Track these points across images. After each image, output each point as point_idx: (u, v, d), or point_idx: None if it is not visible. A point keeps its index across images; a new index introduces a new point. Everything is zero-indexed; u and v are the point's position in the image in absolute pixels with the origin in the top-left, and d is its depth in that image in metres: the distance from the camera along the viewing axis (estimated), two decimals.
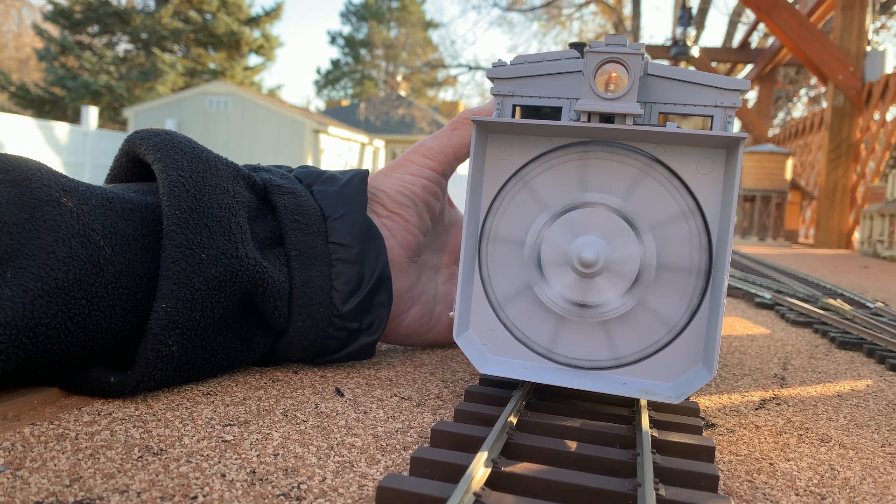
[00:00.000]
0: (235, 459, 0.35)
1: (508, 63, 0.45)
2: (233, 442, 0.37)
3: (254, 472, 0.33)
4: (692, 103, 0.42)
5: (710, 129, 0.42)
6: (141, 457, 0.34)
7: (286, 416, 0.42)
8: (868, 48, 3.96)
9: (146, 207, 0.45)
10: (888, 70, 3.83)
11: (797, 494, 0.35)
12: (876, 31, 8.32)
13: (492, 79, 0.45)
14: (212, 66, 17.38)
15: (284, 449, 0.36)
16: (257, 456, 0.35)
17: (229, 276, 0.45)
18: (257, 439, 0.38)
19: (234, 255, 0.45)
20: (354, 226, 0.51)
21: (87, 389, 0.42)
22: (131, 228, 0.43)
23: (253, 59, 18.64)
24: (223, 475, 0.33)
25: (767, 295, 1.14)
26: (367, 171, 0.55)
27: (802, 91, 10.69)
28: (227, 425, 0.39)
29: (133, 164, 0.50)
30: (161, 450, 0.35)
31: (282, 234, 0.50)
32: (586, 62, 0.41)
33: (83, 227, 0.40)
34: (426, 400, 0.47)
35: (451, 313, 0.45)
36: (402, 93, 18.54)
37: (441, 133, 0.58)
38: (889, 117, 3.81)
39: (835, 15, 4.10)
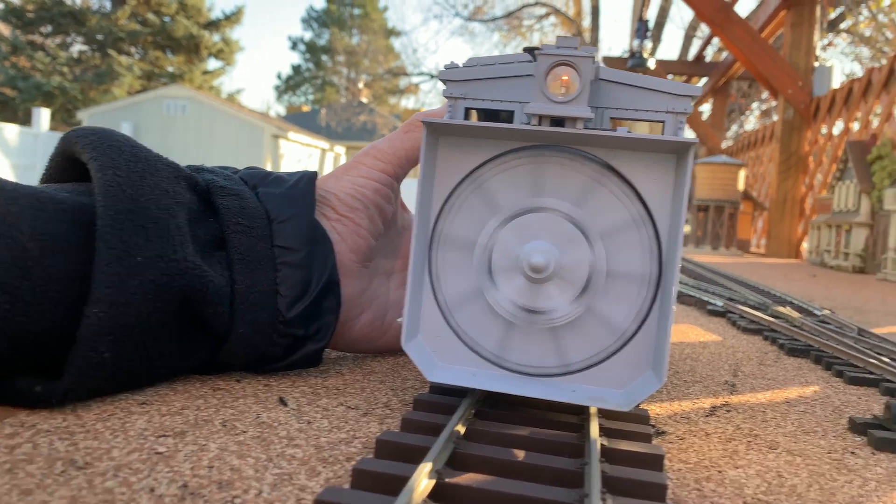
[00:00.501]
0: (167, 472, 0.33)
1: (461, 65, 0.45)
2: (166, 454, 0.35)
3: (185, 486, 0.32)
4: (643, 108, 0.42)
5: (662, 134, 0.41)
6: (64, 471, 0.32)
7: (225, 426, 0.40)
8: (816, 64, 4.08)
9: (80, 208, 0.43)
10: (835, 85, 3.95)
11: (745, 502, 0.35)
12: (823, 49, 8.59)
13: (444, 81, 0.44)
14: (170, 69, 17.11)
15: (220, 461, 0.35)
16: (191, 468, 0.34)
17: (167, 280, 0.43)
18: (192, 451, 0.36)
19: (172, 258, 0.43)
20: (301, 229, 0.50)
21: (12, 399, 0.40)
22: (63, 230, 0.41)
23: (212, 63, 18.43)
24: (152, 489, 0.31)
25: (719, 302, 1.15)
26: (315, 173, 0.53)
27: (755, 104, 10.97)
28: (161, 436, 0.38)
29: (70, 163, 0.48)
30: (87, 463, 0.33)
31: (224, 238, 0.48)
32: (537, 65, 0.40)
33: (9, 228, 0.38)
34: (374, 409, 0.46)
35: (399, 319, 0.44)
36: (364, 99, 18.49)
37: (394, 135, 0.57)
38: (836, 131, 3.92)
39: (784, 31, 4.22)
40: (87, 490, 0.30)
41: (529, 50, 0.45)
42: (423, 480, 0.30)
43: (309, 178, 0.53)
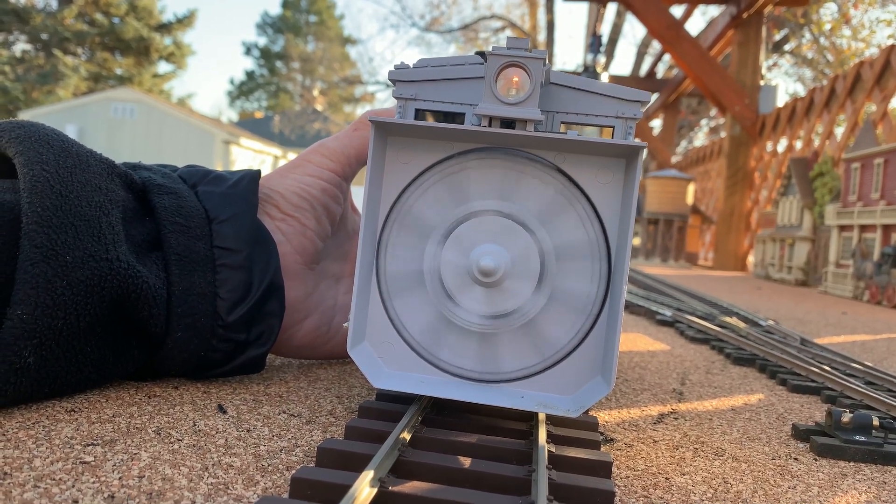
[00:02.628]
0: (93, 483, 0.31)
1: (412, 66, 0.44)
2: (93, 463, 0.33)
3: (112, 497, 0.30)
4: (594, 113, 0.42)
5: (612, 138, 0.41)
6: None
7: (159, 434, 0.38)
8: (762, 83, 4.21)
9: (2, 206, 0.40)
10: (779, 104, 4.08)
11: None
12: (769, 68, 8.87)
13: (393, 81, 0.43)
14: (118, 71, 16.71)
15: (152, 470, 0.33)
16: (119, 478, 0.32)
17: (98, 281, 0.40)
18: (122, 460, 0.34)
19: (104, 258, 0.41)
20: (242, 229, 0.48)
21: None
22: None
23: (163, 67, 18.05)
24: (75, 501, 0.29)
25: (668, 313, 1.17)
26: (258, 172, 0.52)
27: (704, 121, 11.25)
28: (88, 445, 0.35)
29: None
30: (5, 473, 0.31)
31: (160, 237, 0.46)
32: (488, 65, 0.40)
33: None
34: (317, 417, 0.44)
35: (345, 324, 0.42)
36: (319, 107, 18.36)
37: (342, 133, 0.55)
38: (780, 148, 4.05)
39: (732, 50, 4.34)
40: (4, 502, 0.28)
41: (482, 53, 0.44)
42: (365, 489, 0.28)
43: (251, 177, 0.50)
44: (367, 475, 0.29)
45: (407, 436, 0.36)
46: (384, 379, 0.41)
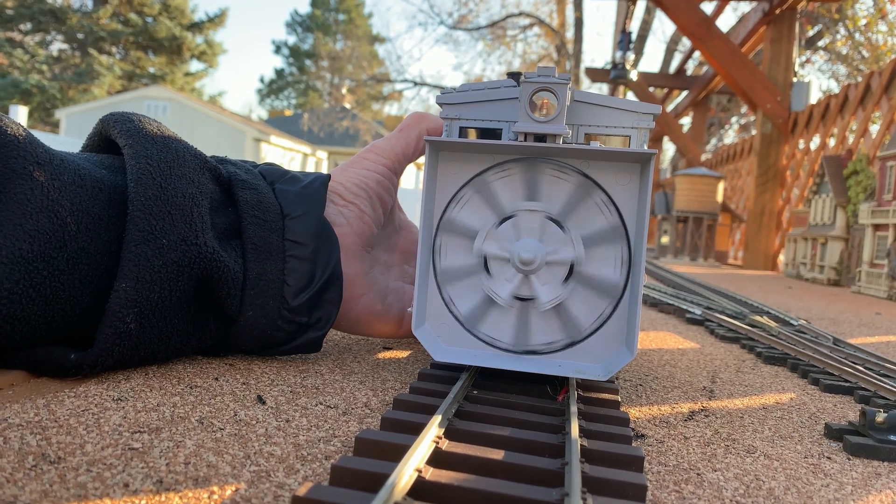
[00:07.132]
0: (142, 468, 0.32)
1: (455, 90, 0.51)
2: (141, 450, 0.35)
3: (161, 482, 0.31)
4: (613, 125, 0.50)
5: (629, 147, 0.49)
6: (35, 465, 0.31)
7: (202, 423, 0.39)
8: (794, 80, 4.14)
9: (115, 188, 0.46)
10: (812, 101, 4.01)
11: None
12: (801, 65, 8.70)
13: (441, 104, 0.51)
14: (151, 70, 16.99)
15: (197, 457, 0.34)
16: (167, 465, 0.33)
17: (188, 262, 0.46)
18: (168, 447, 0.35)
19: (194, 242, 0.47)
20: (310, 225, 0.54)
21: (48, 367, 0.44)
22: (98, 208, 0.45)
23: (195, 65, 18.30)
24: (126, 485, 0.30)
25: (698, 311, 1.16)
26: (328, 176, 0.58)
27: (734, 119, 11.10)
28: (136, 432, 0.37)
29: (105, 142, 0.52)
30: (59, 458, 0.32)
31: (240, 227, 0.52)
32: (522, 90, 0.47)
33: (52, 203, 0.42)
34: (353, 409, 0.45)
35: (409, 309, 0.50)
36: (347, 105, 18.46)
37: (391, 135, 0.63)
38: (812, 146, 3.98)
39: (764, 47, 4.28)
40: (59, 484, 0.30)
41: (513, 75, 0.52)
42: (403, 477, 0.29)
43: (323, 181, 0.57)
44: (405, 464, 0.30)
45: (442, 428, 0.37)
46: (443, 353, 0.49)
